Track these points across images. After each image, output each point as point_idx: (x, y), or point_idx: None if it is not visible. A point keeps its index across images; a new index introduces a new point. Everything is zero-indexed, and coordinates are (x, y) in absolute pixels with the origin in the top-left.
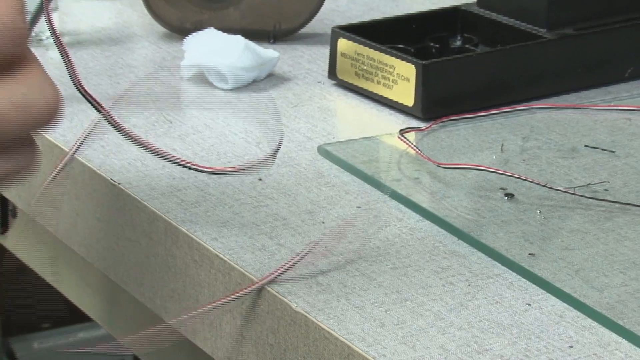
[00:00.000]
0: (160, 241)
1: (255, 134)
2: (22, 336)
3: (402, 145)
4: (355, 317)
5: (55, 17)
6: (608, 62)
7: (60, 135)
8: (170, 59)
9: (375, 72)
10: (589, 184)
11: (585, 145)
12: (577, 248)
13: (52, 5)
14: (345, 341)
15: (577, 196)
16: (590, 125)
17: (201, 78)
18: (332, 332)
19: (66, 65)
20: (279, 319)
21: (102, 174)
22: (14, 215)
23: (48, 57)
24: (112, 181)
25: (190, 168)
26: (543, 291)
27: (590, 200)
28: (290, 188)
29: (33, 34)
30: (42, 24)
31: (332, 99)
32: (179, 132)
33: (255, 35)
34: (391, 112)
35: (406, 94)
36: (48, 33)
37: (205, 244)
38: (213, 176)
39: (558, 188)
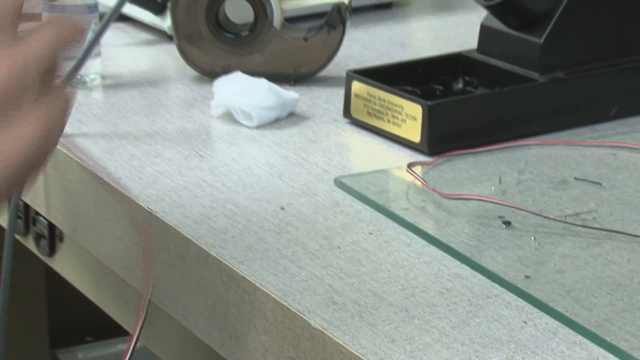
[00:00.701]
0: (192, 264)
1: (277, 167)
2: (68, 348)
3: (410, 178)
4: (368, 334)
5: (98, 62)
6: (595, 103)
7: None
8: (201, 99)
9: (386, 112)
10: (579, 213)
11: (575, 178)
12: (568, 271)
13: (95, 50)
14: (359, 355)
15: (567, 224)
16: (579, 160)
17: (229, 116)
18: (347, 346)
19: None
20: (299, 335)
21: (141, 203)
22: (61, 240)
23: (92, 99)
24: (149, 210)
25: None
26: (538, 310)
27: (580, 227)
28: (309, 216)
29: (78, 77)
30: (86, 68)
31: (346, 135)
32: (209, 165)
33: (278, 78)
34: (400, 147)
35: (413, 131)
36: (92, 75)
37: (232, 267)
38: (240, 206)
39: (550, 216)
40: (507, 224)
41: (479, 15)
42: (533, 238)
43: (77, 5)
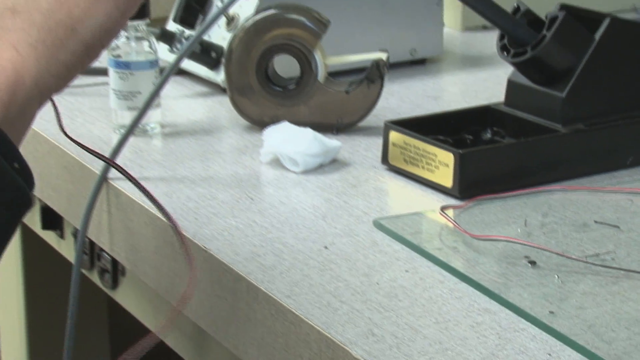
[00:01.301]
0: (243, 297)
1: (321, 209)
2: None
3: (443, 220)
4: None
5: (158, 112)
6: (612, 152)
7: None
8: (251, 146)
9: (421, 159)
10: (598, 254)
11: (595, 221)
12: (589, 307)
13: (155, 102)
14: None
15: (588, 264)
16: (598, 205)
17: (277, 163)
18: None
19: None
20: None
21: (196, 242)
22: (123, 274)
23: (152, 145)
24: (204, 248)
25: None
26: (561, 343)
27: (600, 267)
28: (350, 255)
29: (140, 125)
30: (147, 117)
31: (384, 180)
32: (258, 207)
33: (321, 127)
34: (433, 192)
35: (446, 177)
36: (153, 124)
37: (280, 301)
38: (287, 245)
39: (572, 257)
40: (533, 263)
41: (506, 70)
42: (556, 276)
43: (140, 62)
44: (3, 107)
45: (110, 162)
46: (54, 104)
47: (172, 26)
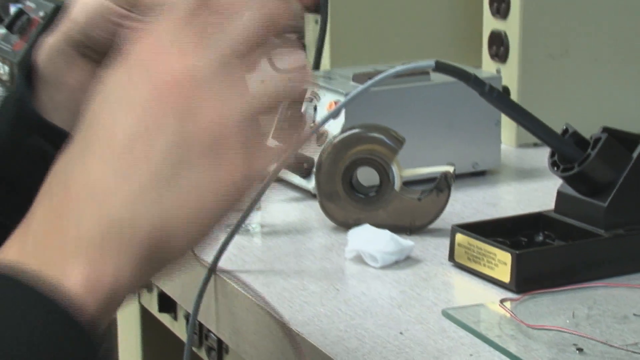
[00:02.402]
0: None
1: (397, 299)
2: None
3: (502, 311)
4: None
5: (259, 214)
6: None
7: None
8: (337, 245)
9: (482, 258)
10: (637, 343)
11: (634, 314)
12: None
13: (257, 205)
14: None
15: (629, 351)
16: (637, 300)
17: (359, 259)
18: None
19: None
20: None
21: (291, 327)
22: (227, 352)
23: (254, 243)
24: (297, 332)
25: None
26: None
27: (638, 355)
28: (422, 340)
29: (243, 225)
30: (250, 218)
31: (451, 275)
32: (343, 297)
33: (397, 229)
34: (494, 286)
35: (504, 273)
36: (254, 225)
37: None
38: (368, 330)
39: (615, 345)
40: (580, 350)
41: (555, 182)
42: None
43: None
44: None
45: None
46: None
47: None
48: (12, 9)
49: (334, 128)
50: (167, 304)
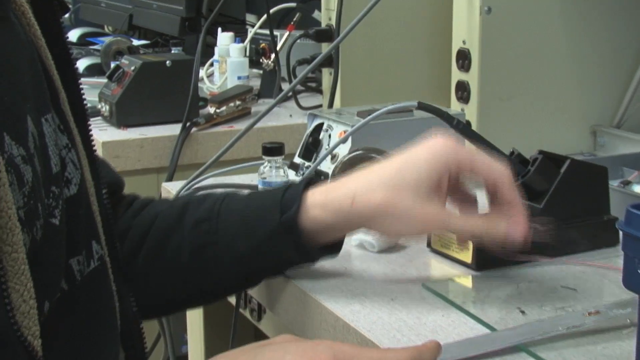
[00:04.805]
0: None
1: (389, 275)
2: None
3: (466, 283)
4: None
5: None
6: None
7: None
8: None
9: (451, 245)
10: (564, 307)
11: (561, 286)
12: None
13: None
14: None
15: (558, 312)
16: (564, 275)
17: (362, 246)
18: None
19: None
20: None
21: (312, 295)
22: (264, 312)
23: None
24: (315, 298)
25: None
26: None
27: (564, 313)
28: (407, 304)
29: None
30: None
31: (429, 258)
32: (350, 273)
33: None
34: (460, 266)
35: (468, 256)
36: None
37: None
38: (369, 297)
39: (547, 308)
40: (523, 312)
41: None
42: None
43: (278, 182)
44: None
45: None
46: None
47: (297, 160)
48: (112, 65)
49: (343, 150)
50: None
